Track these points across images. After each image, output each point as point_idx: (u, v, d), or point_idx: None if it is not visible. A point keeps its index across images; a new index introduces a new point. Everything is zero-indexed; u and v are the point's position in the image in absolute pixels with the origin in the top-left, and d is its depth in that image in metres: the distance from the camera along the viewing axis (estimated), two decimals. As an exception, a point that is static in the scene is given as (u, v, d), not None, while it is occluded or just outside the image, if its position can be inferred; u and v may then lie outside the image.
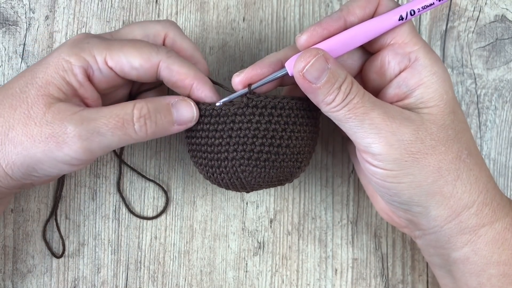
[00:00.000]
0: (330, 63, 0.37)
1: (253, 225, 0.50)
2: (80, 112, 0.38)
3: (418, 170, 0.38)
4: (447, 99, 0.39)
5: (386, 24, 0.39)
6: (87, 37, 0.41)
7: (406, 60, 0.39)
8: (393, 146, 0.37)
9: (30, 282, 0.49)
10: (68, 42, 0.40)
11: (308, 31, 0.38)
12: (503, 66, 0.51)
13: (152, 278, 0.50)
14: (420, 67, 0.39)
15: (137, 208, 0.50)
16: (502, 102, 0.51)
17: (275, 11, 0.50)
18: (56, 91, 0.38)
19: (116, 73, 0.40)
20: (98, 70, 0.39)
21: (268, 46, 0.50)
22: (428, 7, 0.39)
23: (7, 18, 0.50)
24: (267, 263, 0.50)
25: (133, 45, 0.40)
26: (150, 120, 0.39)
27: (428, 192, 0.38)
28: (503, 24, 0.51)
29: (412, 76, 0.39)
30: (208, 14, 0.50)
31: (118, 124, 0.38)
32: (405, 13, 0.39)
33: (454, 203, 0.39)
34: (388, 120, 0.37)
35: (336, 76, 0.37)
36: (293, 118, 0.40)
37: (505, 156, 0.51)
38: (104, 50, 0.39)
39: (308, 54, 0.37)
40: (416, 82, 0.39)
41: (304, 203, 0.50)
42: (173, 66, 0.40)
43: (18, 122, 0.38)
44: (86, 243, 0.49)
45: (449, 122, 0.39)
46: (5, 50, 0.50)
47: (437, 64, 0.39)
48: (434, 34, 0.51)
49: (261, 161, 0.40)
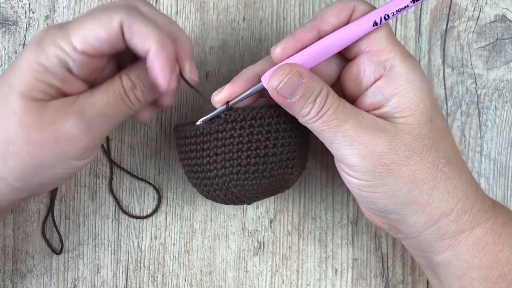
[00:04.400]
0: (304, 78, 0.37)
1: (253, 225, 0.50)
2: (76, 102, 0.37)
3: (392, 181, 0.38)
4: (423, 108, 0.38)
5: (360, 30, 0.38)
6: (47, 29, 0.37)
7: (381, 68, 0.38)
8: (366, 158, 0.37)
9: (30, 282, 0.49)
10: (31, 43, 0.37)
11: (282, 43, 0.38)
12: (503, 66, 0.51)
13: (152, 278, 0.50)
14: (396, 76, 0.38)
15: (136, 208, 0.50)
16: (502, 102, 0.51)
17: (275, 11, 0.50)
18: (41, 95, 0.36)
19: (89, 55, 0.36)
20: (72, 60, 0.36)
21: (268, 46, 0.50)
22: (402, 10, 0.38)
23: (7, 18, 0.50)
24: (267, 263, 0.50)
25: (91, 16, 0.36)
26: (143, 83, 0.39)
27: (403, 202, 0.38)
28: (503, 24, 0.51)
29: (387, 85, 0.38)
30: (208, 14, 0.50)
31: (118, 99, 0.38)
32: (379, 18, 0.37)
33: (431, 211, 0.39)
34: (361, 132, 0.37)
35: (311, 90, 0.37)
36: (275, 125, 0.40)
37: (505, 156, 0.51)
38: (66, 36, 0.36)
39: (282, 72, 0.37)
40: (391, 92, 0.38)
41: (304, 203, 0.50)
42: (134, 25, 0.35)
43: (15, 134, 0.36)
44: (86, 243, 0.49)
45: (426, 131, 0.38)
46: (5, 50, 0.50)
47: (414, 72, 0.38)
48: (434, 34, 0.51)
49: (250, 173, 0.40)
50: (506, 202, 0.50)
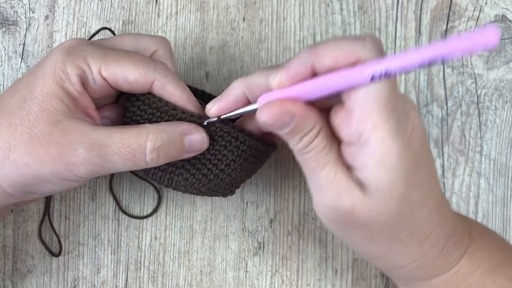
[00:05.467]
0: (296, 117, 0.35)
1: (253, 225, 0.50)
2: (90, 134, 0.36)
3: (349, 234, 0.38)
4: (394, 188, 0.34)
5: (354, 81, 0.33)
6: (81, 43, 0.39)
7: (356, 135, 0.34)
8: (329, 210, 0.36)
9: (29, 282, 0.49)
10: (61, 49, 0.38)
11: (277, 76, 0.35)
12: (504, 66, 0.51)
13: (152, 278, 0.49)
14: (367, 152, 0.33)
15: (136, 208, 0.50)
16: (502, 102, 0.51)
17: (275, 10, 0.50)
18: (58, 104, 0.37)
19: (109, 84, 0.38)
20: (92, 80, 0.38)
21: (268, 46, 0.50)
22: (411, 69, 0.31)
23: (6, 18, 0.50)
24: (267, 263, 0.50)
25: (130, 58, 0.38)
26: (163, 152, 0.38)
27: (359, 250, 0.40)
28: (503, 24, 0.51)
29: (356, 157, 0.34)
30: (208, 14, 0.50)
31: (129, 155, 0.37)
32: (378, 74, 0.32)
33: (383, 263, 0.39)
34: (332, 186, 0.35)
35: (301, 128, 0.35)
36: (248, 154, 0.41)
37: (505, 156, 0.51)
38: (99, 59, 0.37)
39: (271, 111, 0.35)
40: (360, 164, 0.34)
41: (304, 203, 0.50)
42: (168, 86, 0.39)
43: (20, 142, 0.36)
44: (86, 243, 0.49)
45: (395, 209, 0.35)
46: (5, 50, 0.50)
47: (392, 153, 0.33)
48: (435, 34, 0.51)
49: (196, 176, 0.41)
50: (506, 202, 0.50)
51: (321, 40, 0.50)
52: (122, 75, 0.38)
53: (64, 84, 0.37)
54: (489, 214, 0.50)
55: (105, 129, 0.37)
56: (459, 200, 0.50)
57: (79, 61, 0.37)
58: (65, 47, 0.38)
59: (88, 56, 0.37)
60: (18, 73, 0.50)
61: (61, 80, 0.37)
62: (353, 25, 0.51)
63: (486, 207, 0.50)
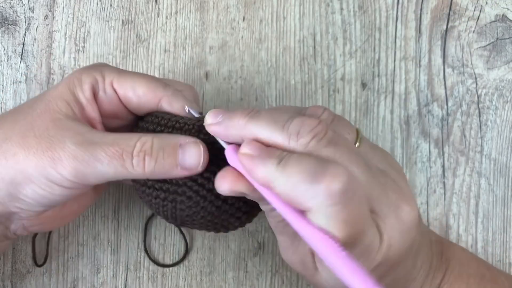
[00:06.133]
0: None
1: (253, 225, 0.50)
2: (84, 133, 0.36)
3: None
4: None
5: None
6: (104, 64, 0.41)
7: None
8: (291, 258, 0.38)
9: (29, 283, 0.49)
10: (85, 66, 0.40)
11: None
12: (504, 66, 0.51)
13: (151, 279, 0.49)
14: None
15: (136, 208, 0.50)
16: (502, 102, 0.51)
17: (275, 10, 0.50)
18: (64, 105, 0.37)
19: (118, 97, 0.39)
20: (103, 89, 0.39)
21: (268, 46, 0.50)
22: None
23: (6, 18, 0.49)
24: (267, 263, 0.50)
25: (143, 76, 0.39)
26: (149, 157, 0.36)
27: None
28: (503, 23, 0.51)
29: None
30: (208, 13, 0.50)
31: (116, 154, 0.35)
32: None
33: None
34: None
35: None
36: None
37: (505, 156, 0.51)
38: (114, 73, 0.39)
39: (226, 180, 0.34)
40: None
41: (304, 203, 0.50)
42: (175, 103, 0.39)
43: (16, 134, 0.36)
44: (86, 243, 0.49)
45: None
46: (4, 50, 0.49)
47: None
48: (435, 34, 0.51)
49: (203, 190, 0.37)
50: (506, 202, 0.50)
51: (321, 40, 0.50)
52: (132, 88, 0.38)
53: (75, 90, 0.38)
54: (490, 214, 0.50)
55: (101, 132, 0.37)
56: (459, 200, 0.50)
57: (95, 72, 0.39)
58: (89, 65, 0.40)
59: (105, 70, 0.39)
60: (17, 73, 0.50)
61: (73, 86, 0.38)
62: (353, 25, 0.50)
63: (487, 207, 0.50)
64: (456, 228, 0.50)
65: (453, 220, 0.50)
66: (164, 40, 0.50)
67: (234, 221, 0.39)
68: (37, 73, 0.50)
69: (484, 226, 0.50)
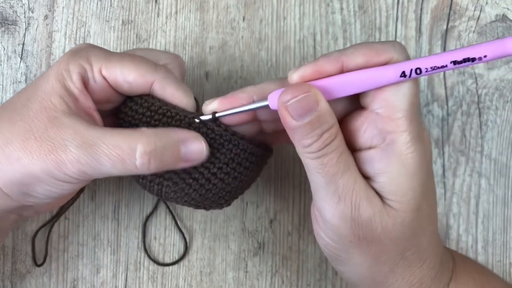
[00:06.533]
0: (320, 106, 0.33)
1: (253, 225, 0.50)
2: (82, 132, 0.35)
3: (358, 253, 0.36)
4: (412, 196, 0.35)
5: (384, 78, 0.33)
6: (88, 46, 0.39)
7: (381, 138, 0.34)
8: (345, 223, 0.35)
9: (29, 283, 0.49)
10: (68, 52, 0.39)
11: (301, 69, 0.34)
12: (504, 66, 0.51)
13: (151, 279, 0.49)
14: (391, 154, 0.34)
15: (136, 208, 0.50)
16: (503, 102, 0.51)
17: (275, 10, 0.50)
18: (58, 101, 0.36)
19: (109, 84, 0.38)
20: (92, 78, 0.38)
21: (268, 46, 0.50)
22: (439, 69, 0.33)
23: (6, 18, 0.49)
24: (267, 263, 0.50)
25: (132, 59, 0.38)
26: (155, 158, 0.36)
27: (361, 274, 0.38)
28: (504, 23, 0.51)
29: (379, 159, 0.34)
30: (208, 13, 0.50)
31: (118, 158, 0.35)
32: (409, 69, 0.33)
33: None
34: (352, 194, 0.34)
35: (322, 121, 0.33)
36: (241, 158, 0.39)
37: (506, 156, 0.51)
38: (102, 59, 0.37)
39: (299, 89, 0.33)
40: (381, 168, 0.34)
41: (305, 203, 0.50)
42: (168, 87, 0.38)
43: (16, 136, 0.36)
44: (86, 243, 0.49)
45: (408, 220, 0.35)
46: (4, 50, 0.49)
47: (414, 156, 0.34)
48: (435, 34, 0.51)
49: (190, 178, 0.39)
50: (506, 202, 0.50)
51: (321, 40, 0.50)
52: (122, 74, 0.37)
53: (65, 82, 0.37)
54: (490, 214, 0.50)
55: (100, 128, 0.36)
56: (460, 200, 0.50)
57: (82, 60, 0.37)
58: (72, 50, 0.39)
59: (92, 56, 0.37)
60: (17, 73, 0.50)
61: (62, 78, 0.37)
62: (354, 25, 0.50)
63: (487, 207, 0.50)
64: (456, 228, 0.50)
65: (453, 220, 0.50)
66: (164, 40, 0.50)
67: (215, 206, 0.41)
68: (37, 73, 0.50)
69: (484, 226, 0.50)
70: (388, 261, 0.37)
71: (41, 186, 0.37)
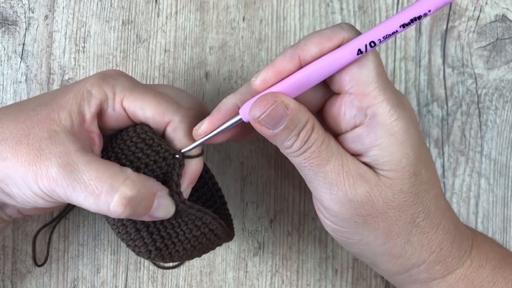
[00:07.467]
0: (289, 109, 0.34)
1: (253, 225, 0.50)
2: (71, 153, 0.35)
3: (367, 232, 0.37)
4: (406, 162, 0.35)
5: (343, 59, 0.34)
6: (118, 74, 0.39)
7: (362, 115, 0.35)
8: (344, 206, 0.36)
9: (29, 283, 0.49)
10: (98, 74, 0.39)
11: (261, 74, 0.35)
12: (504, 66, 0.51)
13: (151, 279, 0.49)
14: (376, 126, 0.35)
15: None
16: (502, 102, 0.51)
17: (275, 10, 0.50)
18: (65, 117, 0.36)
19: (127, 115, 0.38)
20: (112, 107, 0.38)
21: (268, 46, 0.50)
22: (390, 36, 0.33)
23: (6, 18, 0.50)
24: (267, 263, 0.50)
25: (154, 96, 0.38)
26: (131, 206, 0.35)
27: (377, 252, 0.38)
28: (503, 23, 0.51)
29: (367, 135, 0.35)
30: (208, 13, 0.50)
31: (95, 192, 0.34)
32: (363, 45, 0.33)
33: (402, 262, 0.38)
34: (342, 176, 0.35)
35: (296, 122, 0.34)
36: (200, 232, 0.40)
37: (505, 156, 0.51)
38: (126, 90, 0.38)
39: (265, 102, 0.34)
40: (371, 142, 0.35)
41: (304, 203, 0.50)
42: (178, 132, 0.38)
43: (13, 136, 0.36)
44: (86, 243, 0.49)
45: (408, 186, 0.36)
46: (4, 50, 0.49)
47: (399, 122, 0.35)
48: (435, 34, 0.51)
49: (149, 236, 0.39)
50: (506, 202, 0.50)
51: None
52: (141, 109, 0.38)
53: (82, 102, 0.37)
54: (490, 214, 0.50)
55: (89, 156, 0.36)
56: (460, 200, 0.50)
57: (107, 87, 0.38)
58: (102, 73, 0.39)
59: (117, 85, 0.38)
60: (17, 73, 0.50)
61: (81, 98, 0.37)
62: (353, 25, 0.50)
63: (487, 207, 0.50)
64: (456, 228, 0.50)
65: (453, 220, 0.50)
66: (164, 40, 0.50)
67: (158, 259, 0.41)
68: (37, 73, 0.50)
69: (484, 226, 0.50)
70: (401, 232, 0.37)
71: (17, 192, 0.36)
